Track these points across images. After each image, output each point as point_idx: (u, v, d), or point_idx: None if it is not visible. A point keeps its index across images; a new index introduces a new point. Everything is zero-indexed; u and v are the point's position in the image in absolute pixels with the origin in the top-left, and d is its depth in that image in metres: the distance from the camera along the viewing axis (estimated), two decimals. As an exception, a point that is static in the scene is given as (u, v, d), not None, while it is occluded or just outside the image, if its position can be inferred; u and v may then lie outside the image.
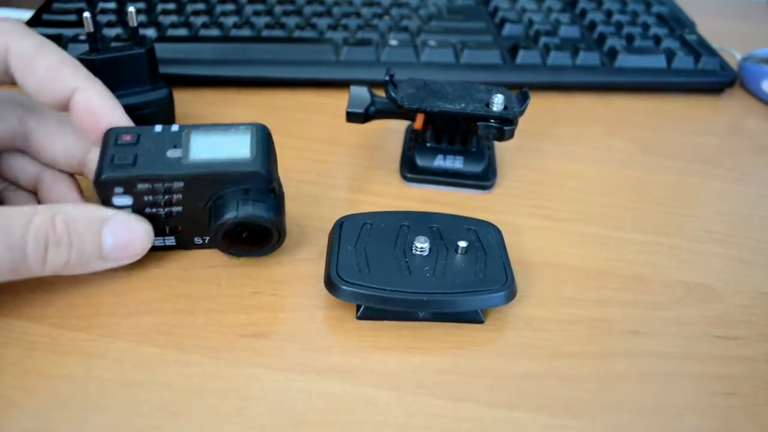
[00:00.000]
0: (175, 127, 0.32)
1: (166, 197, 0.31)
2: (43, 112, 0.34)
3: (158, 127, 0.32)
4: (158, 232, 0.32)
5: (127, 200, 0.31)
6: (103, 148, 0.31)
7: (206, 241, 0.34)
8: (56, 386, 0.28)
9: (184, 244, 0.34)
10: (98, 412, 0.27)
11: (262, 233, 0.33)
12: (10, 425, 0.26)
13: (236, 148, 0.31)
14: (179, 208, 0.32)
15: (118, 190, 0.31)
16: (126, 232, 0.30)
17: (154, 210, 0.32)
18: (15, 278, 0.28)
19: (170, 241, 0.34)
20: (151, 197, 0.31)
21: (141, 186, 0.31)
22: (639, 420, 0.28)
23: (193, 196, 0.31)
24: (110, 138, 0.31)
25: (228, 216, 0.31)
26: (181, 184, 0.31)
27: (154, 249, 0.33)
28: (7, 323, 0.30)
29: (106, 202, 0.31)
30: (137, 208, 0.31)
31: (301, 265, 0.34)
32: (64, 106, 0.33)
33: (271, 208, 0.32)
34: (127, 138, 0.31)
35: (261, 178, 0.31)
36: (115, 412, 0.27)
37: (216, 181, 0.31)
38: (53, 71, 0.32)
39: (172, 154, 0.31)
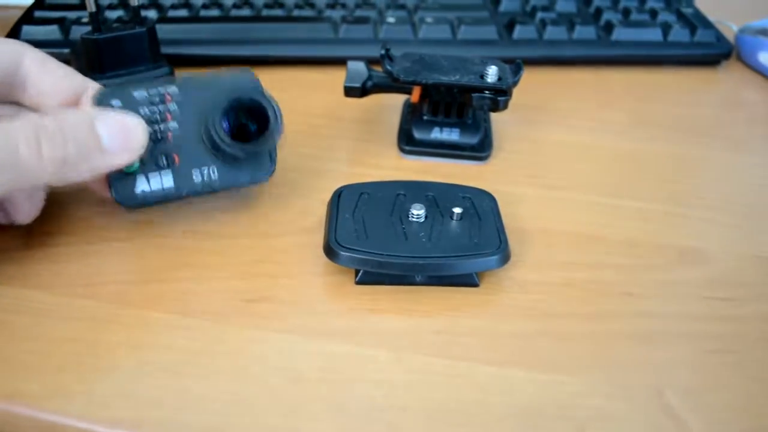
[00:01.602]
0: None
1: (161, 107, 0.32)
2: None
3: None
4: (155, 166, 0.33)
5: None
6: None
7: (205, 177, 0.33)
8: (67, 350, 0.29)
9: (183, 182, 0.33)
10: (107, 372, 0.28)
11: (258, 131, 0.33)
12: (26, 386, 0.27)
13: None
14: (175, 125, 0.33)
15: (116, 102, 0.32)
16: (118, 122, 0.30)
17: (150, 129, 0.32)
18: (12, 181, 0.28)
19: (167, 179, 0.33)
20: (146, 109, 0.32)
21: (137, 94, 0.32)
22: (630, 376, 0.29)
23: (188, 107, 0.33)
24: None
25: (226, 99, 0.32)
26: (175, 89, 0.32)
27: (154, 206, 0.33)
28: (18, 293, 0.31)
29: None
30: None
31: (301, 234, 0.35)
32: (75, 102, 0.34)
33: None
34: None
35: (251, 80, 0.33)
36: (124, 373, 0.28)
37: (208, 85, 0.33)
38: (67, 72, 0.33)
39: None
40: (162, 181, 0.33)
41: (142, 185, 0.32)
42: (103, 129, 0.30)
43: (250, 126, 0.33)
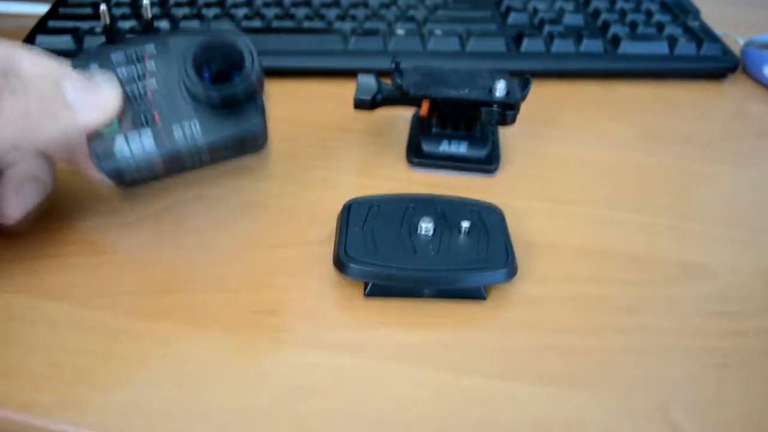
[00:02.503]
0: None
1: (140, 66, 0.32)
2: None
3: None
4: (133, 125, 0.31)
5: None
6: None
7: (187, 132, 0.32)
8: (80, 361, 0.29)
9: (164, 139, 0.32)
10: (120, 384, 0.28)
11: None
12: (39, 397, 0.28)
13: None
14: (153, 82, 0.32)
15: (94, 66, 0.32)
16: (85, 78, 0.30)
17: (128, 89, 0.32)
18: None
19: (147, 137, 0.31)
20: (125, 70, 0.32)
21: (114, 56, 0.32)
22: (634, 391, 0.30)
23: (166, 62, 0.32)
24: None
25: (198, 43, 0.31)
26: (152, 46, 0.32)
27: (136, 183, 0.33)
28: (32, 303, 0.32)
29: None
30: None
31: (311, 246, 0.36)
32: None
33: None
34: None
35: (227, 27, 0.33)
36: (136, 385, 0.28)
37: (186, 39, 0.32)
38: (60, 61, 0.33)
39: None
40: (141, 139, 0.32)
41: (120, 145, 0.31)
42: (69, 85, 0.29)
43: (236, 78, 0.32)
